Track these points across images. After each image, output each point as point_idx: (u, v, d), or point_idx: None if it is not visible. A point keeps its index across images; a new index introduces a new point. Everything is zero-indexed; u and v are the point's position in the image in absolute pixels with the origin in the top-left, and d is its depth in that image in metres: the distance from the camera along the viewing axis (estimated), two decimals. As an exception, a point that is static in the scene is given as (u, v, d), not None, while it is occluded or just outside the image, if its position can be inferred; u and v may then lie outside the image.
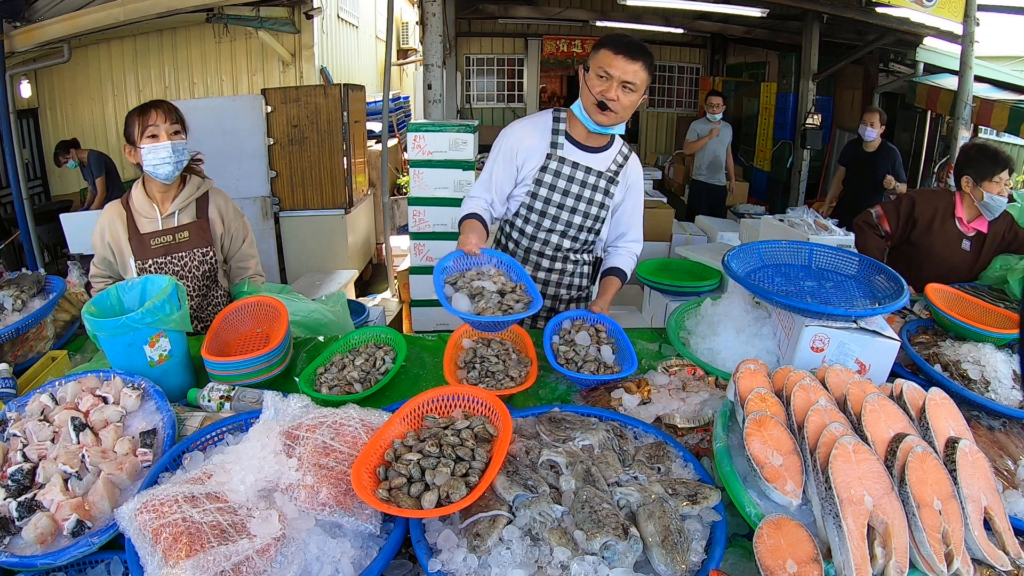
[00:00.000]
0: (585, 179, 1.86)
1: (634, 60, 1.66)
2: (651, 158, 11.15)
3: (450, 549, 0.86)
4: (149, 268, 1.86)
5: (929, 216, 2.41)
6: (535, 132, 1.85)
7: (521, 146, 1.85)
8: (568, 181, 1.85)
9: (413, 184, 3.68)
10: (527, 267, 1.94)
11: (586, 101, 1.75)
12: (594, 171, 1.87)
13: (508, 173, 1.87)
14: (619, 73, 1.66)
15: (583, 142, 1.85)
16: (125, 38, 5.99)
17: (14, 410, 1.19)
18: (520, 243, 1.95)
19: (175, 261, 1.88)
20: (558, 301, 2.03)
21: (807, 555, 0.82)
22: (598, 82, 1.69)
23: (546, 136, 1.85)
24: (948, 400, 1.10)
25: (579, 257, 1.99)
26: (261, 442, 0.99)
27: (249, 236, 2.06)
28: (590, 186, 1.87)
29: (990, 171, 2.31)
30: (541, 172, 1.84)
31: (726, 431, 1.07)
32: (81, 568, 0.95)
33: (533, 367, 1.47)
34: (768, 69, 9.24)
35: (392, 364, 1.53)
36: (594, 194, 1.88)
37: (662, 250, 4.70)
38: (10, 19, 4.30)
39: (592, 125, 1.77)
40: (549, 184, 1.84)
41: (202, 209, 1.94)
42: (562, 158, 1.84)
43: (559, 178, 1.84)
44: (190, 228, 1.90)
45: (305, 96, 5.05)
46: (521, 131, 1.86)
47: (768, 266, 1.68)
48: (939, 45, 5.69)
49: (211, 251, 1.93)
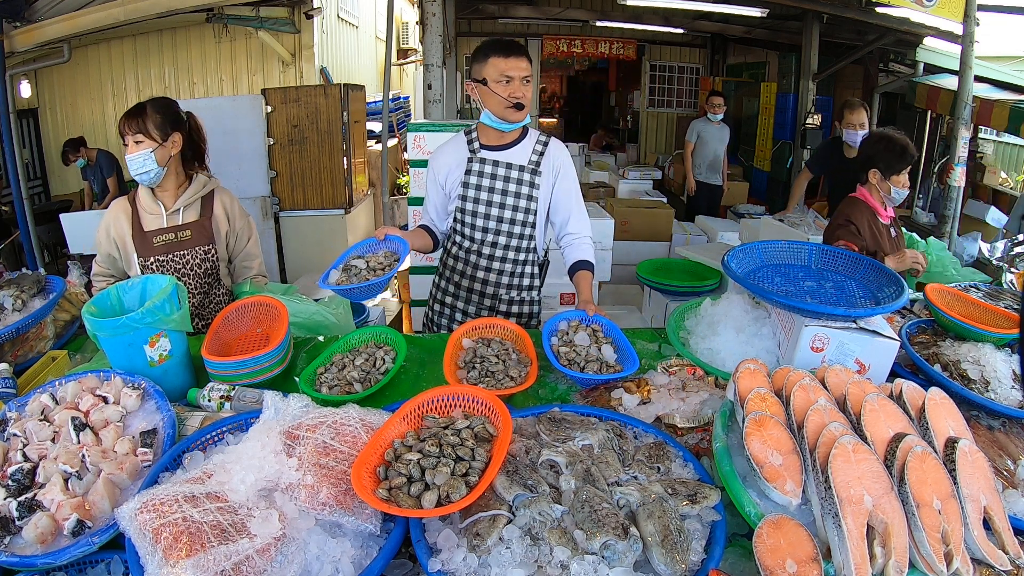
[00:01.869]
0: (508, 174, 1.96)
1: (522, 56, 1.83)
2: (651, 158, 11.14)
3: (450, 549, 0.86)
4: (151, 265, 1.88)
5: (865, 223, 2.43)
6: (453, 151, 2.00)
7: (441, 167, 2.00)
8: (492, 179, 1.96)
9: (413, 184, 3.68)
10: (468, 268, 2.06)
11: (498, 108, 1.85)
12: (515, 166, 1.96)
13: (438, 194, 2.04)
14: (517, 72, 1.82)
15: (497, 144, 1.97)
16: (125, 38, 5.99)
17: (14, 410, 1.19)
18: (462, 246, 2.06)
19: (177, 259, 1.91)
20: (498, 301, 2.08)
21: (807, 555, 0.82)
22: (505, 87, 1.82)
23: (462, 150, 1.99)
24: (948, 400, 1.10)
25: (519, 256, 2.04)
26: (261, 442, 0.99)
27: (254, 236, 2.08)
28: (514, 180, 1.96)
29: (897, 166, 2.37)
30: (466, 176, 1.96)
31: (726, 431, 1.07)
32: (81, 568, 0.95)
33: (533, 367, 1.48)
34: (768, 69, 9.23)
35: (392, 364, 1.53)
36: (520, 187, 1.97)
37: (662, 250, 4.69)
38: (10, 19, 4.30)
39: (507, 127, 1.90)
40: (475, 185, 1.96)
41: (207, 207, 1.96)
42: (482, 159, 1.96)
43: (483, 177, 1.96)
44: (193, 226, 1.92)
45: (305, 96, 5.05)
46: (439, 155, 2.03)
47: (768, 266, 1.68)
48: (939, 45, 5.69)
49: (213, 249, 1.95)
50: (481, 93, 1.87)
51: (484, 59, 1.83)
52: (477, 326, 1.66)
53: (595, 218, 3.98)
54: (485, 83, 1.83)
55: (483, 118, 1.93)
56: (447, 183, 2.01)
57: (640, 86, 11.55)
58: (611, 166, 8.53)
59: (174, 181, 1.91)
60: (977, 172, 6.43)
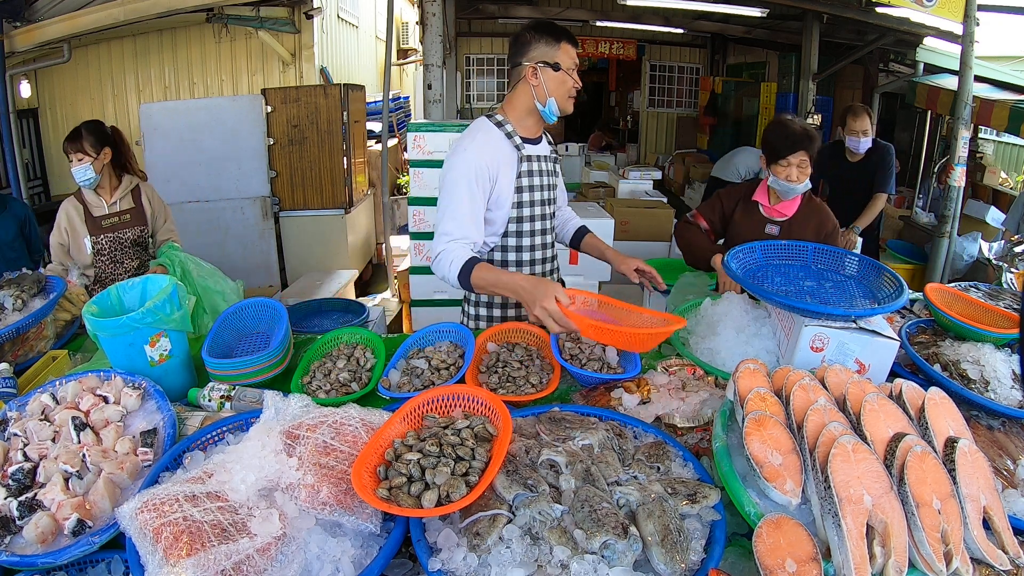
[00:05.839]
0: (542, 167, 1.87)
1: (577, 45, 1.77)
2: (651, 158, 11.15)
3: (450, 548, 0.87)
4: (102, 241, 2.58)
5: (732, 206, 2.31)
6: (495, 149, 1.73)
7: (486, 168, 1.69)
8: (540, 176, 1.85)
9: (413, 184, 3.68)
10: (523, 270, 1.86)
11: (563, 96, 1.74)
12: (548, 158, 1.90)
13: (483, 201, 1.72)
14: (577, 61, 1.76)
15: (531, 136, 1.84)
16: (125, 38, 5.99)
17: (15, 410, 1.19)
18: (511, 258, 1.86)
19: (120, 234, 2.62)
20: None
21: (806, 554, 0.82)
22: (568, 77, 1.72)
23: (505, 147, 1.75)
24: (947, 400, 1.10)
25: (554, 252, 2.00)
26: (262, 441, 1.00)
27: (169, 217, 2.80)
28: (549, 172, 1.90)
29: (777, 152, 2.11)
30: (518, 179, 1.77)
31: (725, 430, 1.07)
32: (82, 567, 0.95)
33: (556, 373, 1.46)
34: (768, 69, 9.24)
35: (375, 359, 1.55)
36: (553, 178, 1.93)
37: (662, 250, 4.69)
38: (10, 19, 4.31)
39: (554, 118, 1.79)
40: (528, 186, 1.80)
41: (136, 198, 2.69)
42: (529, 157, 1.80)
43: (533, 177, 1.82)
44: (131, 212, 2.66)
45: (305, 96, 5.05)
46: (481, 153, 1.69)
47: (768, 266, 1.68)
48: (939, 45, 5.69)
49: (145, 228, 2.70)
50: (548, 79, 1.70)
51: (556, 43, 1.69)
52: (503, 330, 1.65)
53: (595, 218, 4.00)
54: (558, 68, 1.69)
55: (547, 107, 1.73)
56: (497, 186, 1.73)
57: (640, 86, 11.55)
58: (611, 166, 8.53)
59: (109, 182, 2.60)
60: (977, 172, 6.43)
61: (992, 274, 4.05)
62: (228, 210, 5.02)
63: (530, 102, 1.76)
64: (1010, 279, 3.59)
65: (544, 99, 1.73)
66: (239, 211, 5.05)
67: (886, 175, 3.54)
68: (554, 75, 1.70)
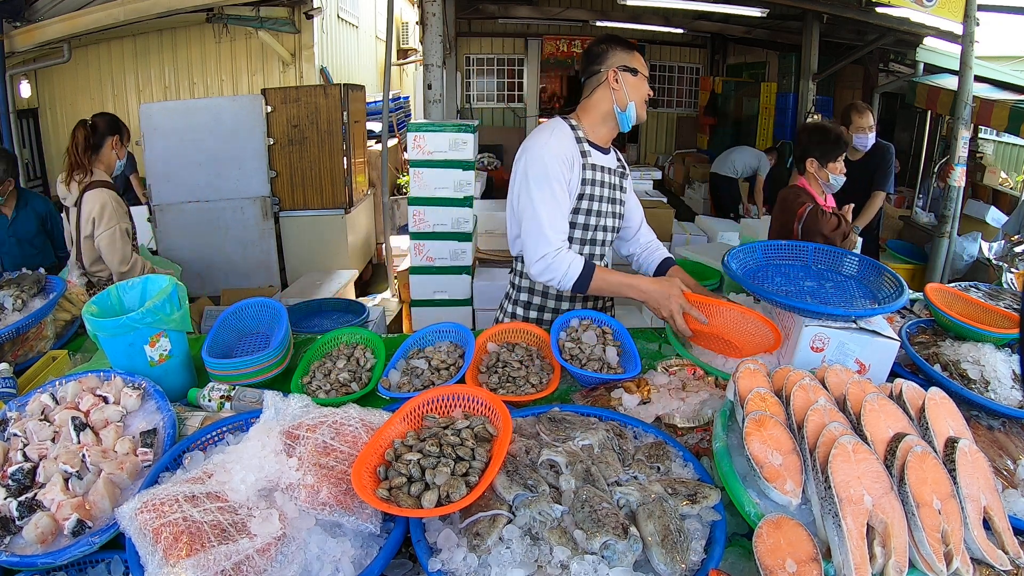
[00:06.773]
0: (611, 180, 1.80)
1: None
2: (651, 158, 11.15)
3: (450, 548, 0.86)
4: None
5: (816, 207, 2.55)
6: (566, 147, 1.70)
7: (561, 164, 1.67)
8: (601, 187, 1.76)
9: (413, 184, 3.68)
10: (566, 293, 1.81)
11: (641, 102, 1.75)
12: (615, 171, 1.83)
13: (566, 192, 1.70)
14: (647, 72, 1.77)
15: (602, 145, 1.80)
16: (125, 38, 6.00)
17: (14, 410, 1.19)
18: None
19: None
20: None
21: (807, 554, 0.82)
22: (645, 83, 1.74)
23: (573, 146, 1.72)
24: (947, 400, 1.10)
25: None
26: (261, 442, 0.99)
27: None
28: (614, 186, 1.82)
29: (833, 153, 2.51)
30: (581, 186, 1.72)
31: (726, 431, 1.07)
32: (82, 567, 0.95)
33: (556, 373, 1.47)
34: (768, 69, 9.25)
35: (375, 359, 1.54)
36: (619, 194, 1.85)
37: (662, 250, 4.69)
38: (10, 19, 4.31)
39: (629, 124, 1.77)
40: (588, 195, 1.73)
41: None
42: (593, 165, 1.74)
43: (595, 187, 1.74)
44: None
45: (305, 96, 5.05)
46: (558, 146, 1.68)
47: (768, 266, 1.68)
48: (939, 45, 5.69)
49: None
50: (629, 84, 1.71)
51: (630, 51, 1.72)
52: (503, 330, 1.65)
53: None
54: (636, 73, 1.71)
55: (627, 111, 1.72)
56: (570, 183, 1.70)
57: (640, 86, 11.50)
58: (611, 166, 8.53)
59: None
60: (977, 172, 6.44)
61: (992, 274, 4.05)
62: (228, 210, 5.02)
63: (609, 107, 1.74)
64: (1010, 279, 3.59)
65: (624, 103, 1.73)
66: (239, 211, 5.05)
67: (885, 174, 3.55)
68: (633, 80, 1.72)
